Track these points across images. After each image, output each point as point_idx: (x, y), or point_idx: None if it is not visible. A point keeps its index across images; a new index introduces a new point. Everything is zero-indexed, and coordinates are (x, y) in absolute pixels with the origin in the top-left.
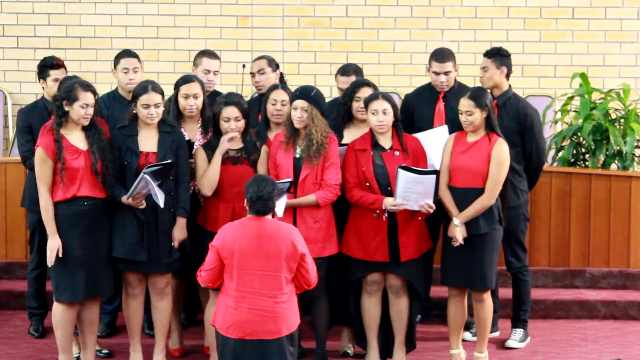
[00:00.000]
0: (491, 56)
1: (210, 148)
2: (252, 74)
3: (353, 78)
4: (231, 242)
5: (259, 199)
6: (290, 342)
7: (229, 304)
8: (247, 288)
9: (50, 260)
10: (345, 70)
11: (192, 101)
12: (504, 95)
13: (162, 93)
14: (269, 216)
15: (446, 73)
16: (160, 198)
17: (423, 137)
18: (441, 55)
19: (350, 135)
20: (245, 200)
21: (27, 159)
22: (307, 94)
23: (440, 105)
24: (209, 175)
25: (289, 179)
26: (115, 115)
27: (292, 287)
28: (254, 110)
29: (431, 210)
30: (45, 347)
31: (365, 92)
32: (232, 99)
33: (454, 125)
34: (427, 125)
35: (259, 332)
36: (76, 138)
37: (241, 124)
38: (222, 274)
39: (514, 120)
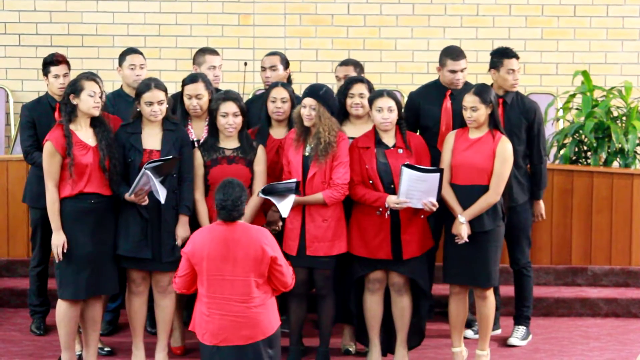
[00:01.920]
0: (518, 57)
1: (205, 148)
2: (263, 69)
3: (351, 69)
4: (200, 248)
5: (222, 209)
6: (269, 345)
7: (202, 310)
8: (217, 294)
9: (57, 256)
10: (345, 61)
11: (195, 102)
12: (510, 93)
13: (165, 90)
14: (241, 220)
15: (462, 70)
16: (161, 194)
17: (415, 176)
18: (455, 53)
19: (348, 132)
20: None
21: (29, 154)
22: (316, 92)
23: (447, 103)
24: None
25: (295, 180)
26: (121, 113)
27: (265, 290)
28: (257, 107)
29: (434, 209)
30: (47, 344)
31: (359, 88)
32: (231, 95)
33: (461, 123)
34: (433, 122)
35: (233, 338)
36: (85, 134)
37: (239, 120)
38: (196, 280)
39: (523, 116)
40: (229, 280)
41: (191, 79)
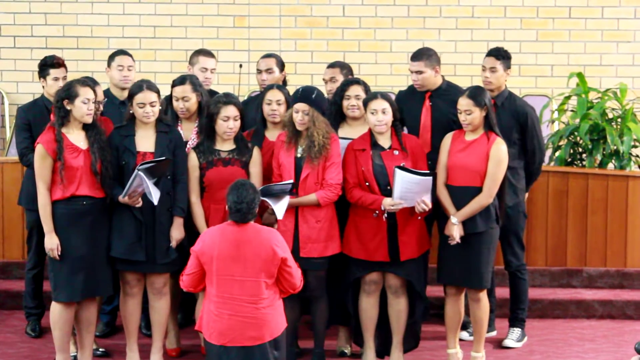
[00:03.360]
0: (500, 58)
1: (201, 150)
2: (259, 71)
3: (337, 71)
4: (210, 247)
5: (237, 211)
6: (275, 347)
7: (211, 310)
8: (226, 294)
9: (52, 258)
10: (332, 63)
11: (181, 104)
12: (502, 95)
13: (157, 92)
14: (252, 220)
15: (418, 72)
16: (154, 196)
17: (408, 178)
18: (414, 54)
19: (345, 133)
20: (226, 206)
21: (25, 156)
22: (309, 96)
23: (427, 104)
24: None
25: (291, 181)
26: (107, 114)
27: (274, 291)
28: (252, 109)
29: (427, 208)
30: (42, 346)
31: (355, 90)
32: (231, 99)
33: (439, 125)
34: (413, 122)
35: (241, 338)
36: (76, 137)
37: (238, 124)
38: (204, 279)
39: (513, 118)
40: (238, 280)
41: (179, 81)
